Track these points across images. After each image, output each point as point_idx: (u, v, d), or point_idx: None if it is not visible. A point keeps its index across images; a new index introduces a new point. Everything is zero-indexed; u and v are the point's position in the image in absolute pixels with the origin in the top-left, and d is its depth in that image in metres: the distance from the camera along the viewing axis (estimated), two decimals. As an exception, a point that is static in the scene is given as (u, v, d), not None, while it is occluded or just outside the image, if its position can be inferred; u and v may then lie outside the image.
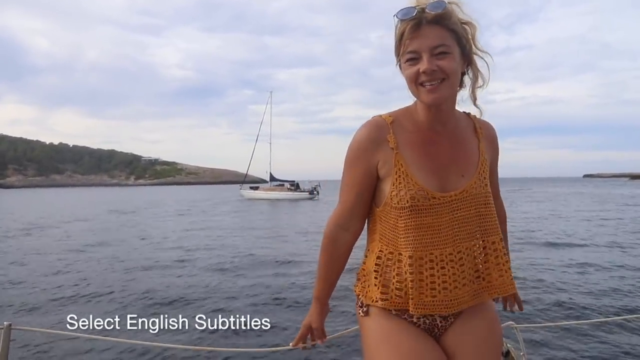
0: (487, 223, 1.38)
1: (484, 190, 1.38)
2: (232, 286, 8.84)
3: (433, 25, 1.25)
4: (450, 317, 1.39)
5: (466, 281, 1.34)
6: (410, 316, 1.37)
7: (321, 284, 1.54)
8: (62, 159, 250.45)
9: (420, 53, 1.26)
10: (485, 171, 1.41)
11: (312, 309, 1.58)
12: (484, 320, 1.41)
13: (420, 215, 1.31)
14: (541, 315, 7.99)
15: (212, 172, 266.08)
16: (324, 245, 1.49)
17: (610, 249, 13.65)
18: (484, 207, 1.37)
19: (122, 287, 9.14)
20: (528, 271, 11.28)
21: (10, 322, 1.79)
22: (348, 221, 1.44)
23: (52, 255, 12.97)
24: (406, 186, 1.31)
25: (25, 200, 61.09)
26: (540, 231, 17.51)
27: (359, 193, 1.41)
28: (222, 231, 18.29)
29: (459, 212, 1.34)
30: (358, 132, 1.39)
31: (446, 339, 1.39)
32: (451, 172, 1.36)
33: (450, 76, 1.27)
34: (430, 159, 1.36)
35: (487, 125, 1.49)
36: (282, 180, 51.72)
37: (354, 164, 1.39)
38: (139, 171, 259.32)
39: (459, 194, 1.34)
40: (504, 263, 1.39)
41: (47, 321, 7.48)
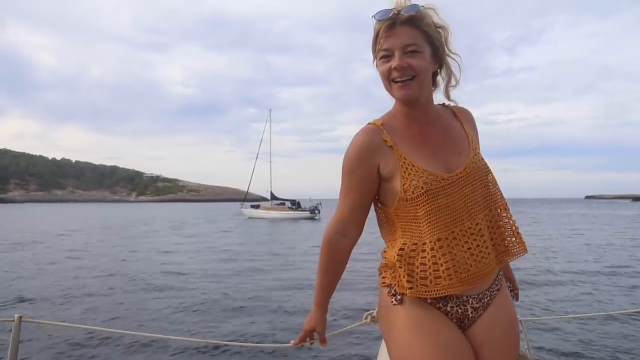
0: (492, 192, 1.46)
1: (483, 163, 1.47)
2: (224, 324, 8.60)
3: (406, 26, 1.36)
4: (479, 308, 1.41)
5: (490, 250, 1.40)
6: (445, 304, 1.39)
7: (322, 290, 1.56)
8: (64, 174, 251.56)
9: (392, 51, 1.36)
10: (477, 147, 1.51)
11: (314, 315, 1.59)
12: (507, 313, 1.45)
13: (437, 198, 1.35)
14: (546, 309, 7.95)
15: (214, 189, 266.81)
16: (323, 251, 1.52)
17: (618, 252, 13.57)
18: (486, 178, 1.46)
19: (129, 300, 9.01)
20: (533, 266, 11.22)
21: (20, 315, 1.83)
22: (346, 227, 1.48)
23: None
24: (416, 175, 1.36)
25: (23, 215, 61.16)
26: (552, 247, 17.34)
27: (359, 199, 1.46)
28: (217, 254, 18.06)
29: (467, 188, 1.40)
30: (354, 139, 1.45)
31: (473, 331, 1.42)
32: (449, 153, 1.44)
33: (420, 74, 1.37)
34: (426, 146, 1.43)
35: (463, 109, 1.59)
36: (283, 199, 51.62)
37: (353, 170, 1.44)
38: (140, 187, 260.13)
39: (463, 171, 1.41)
40: (512, 226, 1.46)
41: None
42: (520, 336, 1.92)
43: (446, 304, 1.39)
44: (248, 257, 16.21)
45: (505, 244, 1.45)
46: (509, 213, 1.48)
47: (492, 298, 1.44)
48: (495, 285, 1.46)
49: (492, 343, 1.40)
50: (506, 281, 1.58)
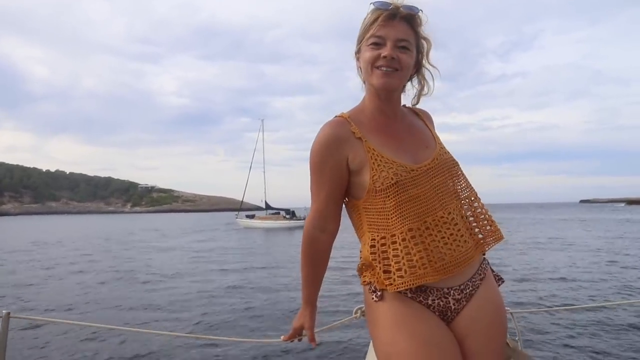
0: (461, 183, 1.49)
1: (450, 157, 1.51)
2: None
3: (404, 22, 1.41)
4: (462, 299, 1.40)
5: (465, 238, 1.40)
6: (426, 297, 1.39)
7: (308, 287, 1.57)
8: (59, 186, 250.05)
9: (385, 40, 1.39)
10: (441, 142, 1.55)
11: (303, 312, 1.59)
12: (493, 304, 1.45)
13: (407, 189, 1.37)
14: (537, 301, 8.00)
15: (209, 199, 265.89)
16: (304, 248, 1.52)
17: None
18: (454, 170, 1.49)
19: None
20: (524, 259, 11.31)
21: (8, 311, 1.81)
22: (324, 222, 1.49)
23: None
24: (386, 166, 1.38)
25: (18, 227, 60.75)
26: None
27: (331, 193, 1.46)
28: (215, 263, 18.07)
29: (437, 179, 1.42)
30: (321, 132, 1.45)
31: (457, 323, 1.41)
32: (416, 146, 1.48)
33: (404, 69, 1.41)
34: (394, 139, 1.46)
35: (424, 111, 1.65)
36: (278, 208, 51.53)
37: (322, 164, 1.44)
38: (135, 198, 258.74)
39: (431, 162, 1.44)
40: (485, 213, 1.50)
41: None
42: (511, 328, 1.90)
43: (427, 297, 1.39)
44: (242, 266, 16.24)
45: (481, 232, 1.48)
46: (481, 202, 1.51)
47: (475, 288, 1.43)
48: (479, 274, 1.45)
49: (476, 334, 1.40)
50: (492, 270, 1.56)
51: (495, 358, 1.43)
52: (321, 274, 1.56)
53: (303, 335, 1.64)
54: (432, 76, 1.53)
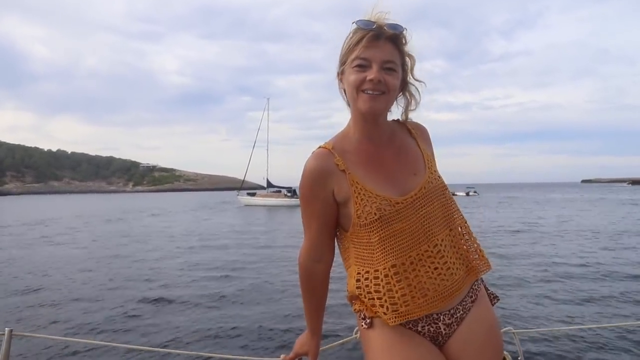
0: (450, 211, 1.43)
1: (439, 182, 1.44)
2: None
3: (389, 42, 1.35)
4: (453, 324, 1.39)
5: (453, 270, 1.37)
6: (415, 325, 1.37)
7: (311, 317, 1.55)
8: (61, 166, 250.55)
9: (371, 62, 1.33)
10: (433, 165, 1.48)
11: (309, 341, 1.58)
12: (485, 326, 1.42)
13: (391, 223, 1.33)
14: (540, 321, 7.91)
15: (211, 178, 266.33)
16: (302, 281, 1.51)
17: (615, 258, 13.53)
18: (443, 197, 1.42)
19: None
20: (526, 276, 11.21)
21: (11, 329, 1.79)
22: (318, 252, 1.47)
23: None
24: (369, 201, 1.34)
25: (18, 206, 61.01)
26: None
27: (322, 225, 1.44)
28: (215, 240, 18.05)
29: (424, 209, 1.37)
30: (306, 167, 1.42)
31: (449, 346, 1.39)
32: (403, 175, 1.42)
33: (390, 92, 1.36)
34: (380, 169, 1.41)
35: (418, 125, 1.57)
36: (279, 186, 51.56)
37: (310, 198, 1.42)
38: (137, 178, 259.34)
39: (418, 192, 1.38)
40: (474, 242, 1.45)
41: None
42: (513, 348, 1.88)
43: (416, 325, 1.37)
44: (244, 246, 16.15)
45: (472, 261, 1.44)
46: (469, 230, 1.47)
47: (466, 311, 1.41)
48: (470, 297, 1.42)
49: (469, 357, 1.39)
50: (487, 289, 1.54)
51: None
52: (322, 303, 1.55)
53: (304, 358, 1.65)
54: (418, 91, 1.47)
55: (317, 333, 1.58)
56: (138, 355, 5.86)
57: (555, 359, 6.00)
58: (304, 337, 1.60)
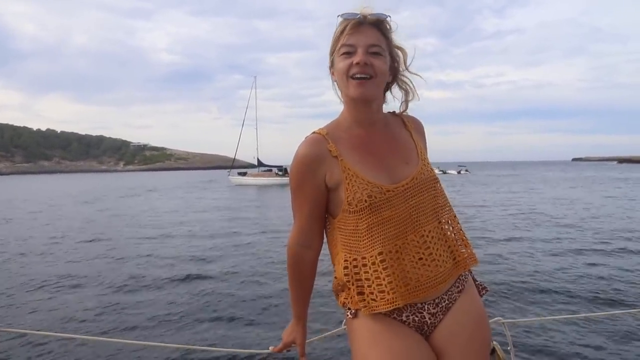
0: (439, 203, 1.44)
1: (431, 174, 1.45)
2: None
3: (372, 27, 1.39)
4: (438, 313, 1.39)
5: (438, 262, 1.37)
6: (400, 314, 1.38)
7: (298, 303, 1.58)
8: (50, 145, 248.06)
9: (356, 47, 1.37)
10: (425, 157, 1.49)
11: (295, 327, 1.60)
12: (472, 317, 1.42)
13: (380, 211, 1.34)
14: (529, 310, 7.94)
15: (202, 157, 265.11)
16: (291, 266, 1.52)
17: (605, 243, 13.60)
18: (434, 190, 1.44)
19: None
20: (515, 264, 11.27)
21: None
22: (307, 239, 1.49)
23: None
24: (360, 187, 1.35)
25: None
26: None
27: (311, 210, 1.45)
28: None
29: (414, 199, 1.38)
30: (298, 151, 1.43)
31: (435, 336, 1.40)
32: (395, 163, 1.43)
33: (379, 75, 1.38)
34: (372, 156, 1.42)
35: (414, 118, 1.59)
36: (270, 165, 51.45)
37: (301, 183, 1.43)
38: (128, 157, 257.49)
39: (410, 182, 1.39)
40: (462, 237, 1.46)
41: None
42: (503, 338, 1.87)
43: (400, 314, 1.39)
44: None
45: (459, 255, 1.45)
46: (458, 224, 1.48)
47: (452, 301, 1.42)
48: (456, 287, 1.43)
49: (455, 347, 1.39)
50: (475, 280, 1.55)
51: None
52: (309, 289, 1.57)
53: (292, 348, 1.65)
54: (413, 83, 1.50)
55: (302, 319, 1.60)
56: (120, 349, 5.74)
57: (546, 348, 5.99)
58: (290, 326, 1.62)
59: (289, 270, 1.53)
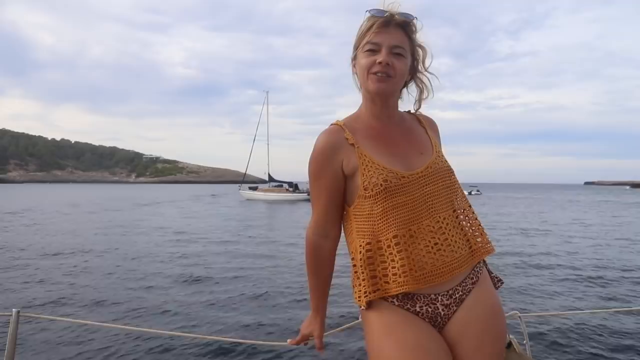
0: (454, 193, 1.47)
1: (446, 165, 1.49)
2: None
3: (398, 28, 1.43)
4: (452, 305, 1.39)
5: (453, 248, 1.38)
6: (413, 305, 1.38)
7: (316, 295, 1.57)
8: (64, 155, 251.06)
9: (381, 46, 1.40)
10: (440, 150, 1.54)
11: (313, 320, 1.60)
12: (487, 308, 1.41)
13: (395, 196, 1.37)
14: (546, 304, 7.89)
15: (214, 171, 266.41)
16: (308, 256, 1.53)
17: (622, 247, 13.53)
18: (449, 179, 1.47)
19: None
20: (532, 261, 11.23)
21: (18, 310, 1.82)
22: (325, 228, 1.50)
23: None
24: (376, 172, 1.38)
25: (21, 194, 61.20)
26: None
27: (330, 198, 1.47)
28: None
29: (428, 187, 1.41)
30: (317, 141, 1.48)
31: (449, 329, 1.39)
32: (410, 153, 1.47)
33: (397, 76, 1.43)
34: (388, 145, 1.46)
35: (429, 118, 1.64)
36: (281, 181, 51.54)
37: (320, 171, 1.46)
38: (140, 169, 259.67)
39: (424, 170, 1.42)
40: (477, 226, 1.48)
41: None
42: (519, 331, 1.88)
43: (414, 305, 1.38)
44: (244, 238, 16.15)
45: (475, 243, 1.46)
46: (474, 213, 1.50)
47: (466, 293, 1.41)
48: (470, 278, 1.42)
49: (469, 339, 1.37)
50: (490, 272, 1.54)
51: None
52: (327, 281, 1.56)
53: (310, 341, 1.65)
54: (430, 82, 1.54)
55: (320, 312, 1.59)
56: (144, 338, 5.91)
57: (562, 343, 5.97)
58: (308, 318, 1.62)
59: (307, 260, 1.54)
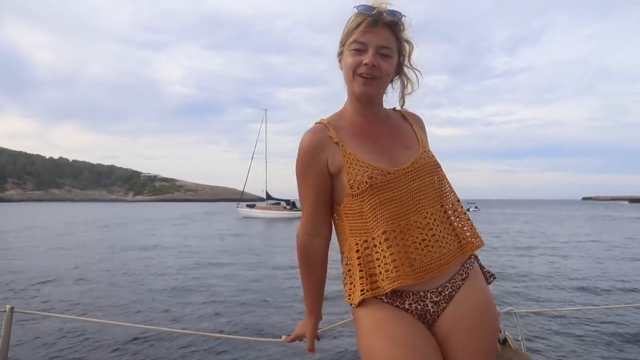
0: (443, 188, 1.46)
1: (433, 160, 1.47)
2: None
3: (386, 28, 1.41)
4: (441, 302, 1.38)
5: (441, 244, 1.37)
6: (402, 302, 1.37)
7: (310, 296, 1.56)
8: (62, 174, 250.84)
9: (367, 46, 1.39)
10: (426, 145, 1.52)
11: (307, 321, 1.60)
12: (477, 304, 1.39)
13: (381, 192, 1.36)
14: (541, 301, 7.92)
15: (211, 189, 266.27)
16: (300, 256, 1.52)
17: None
18: (436, 174, 1.45)
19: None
20: (528, 258, 11.20)
21: (12, 306, 1.83)
22: (315, 227, 1.49)
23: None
24: (361, 170, 1.37)
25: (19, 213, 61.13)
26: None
27: (318, 197, 1.47)
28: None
29: (415, 183, 1.40)
30: (302, 140, 1.47)
31: (438, 325, 1.38)
32: (396, 149, 1.46)
33: (384, 77, 1.42)
34: (373, 142, 1.45)
35: (413, 114, 1.63)
36: (278, 199, 51.53)
37: (306, 170, 1.46)
38: (137, 187, 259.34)
39: (410, 166, 1.41)
40: (466, 220, 1.47)
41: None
42: (513, 328, 1.87)
43: (403, 302, 1.37)
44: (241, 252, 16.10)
45: (464, 237, 1.45)
46: (462, 208, 1.48)
47: (455, 289, 1.39)
48: (460, 275, 1.41)
49: (458, 336, 1.36)
50: (482, 267, 1.52)
51: (480, 358, 1.37)
52: (320, 281, 1.55)
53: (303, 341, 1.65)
54: (416, 76, 1.53)
55: (314, 314, 1.59)
56: (139, 335, 5.98)
57: (558, 339, 6.04)
58: (304, 319, 1.62)
59: (299, 261, 1.53)
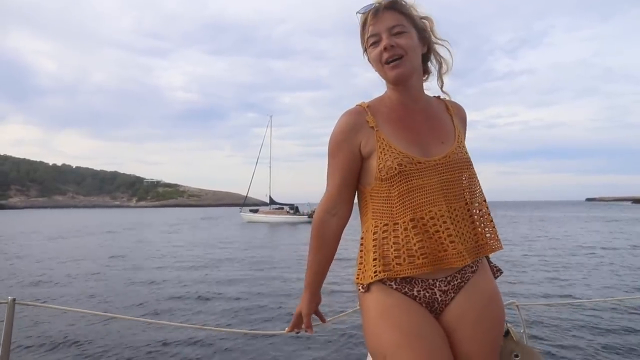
0: (471, 186, 1.46)
1: (466, 156, 1.47)
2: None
3: (389, 10, 1.43)
4: (449, 291, 1.39)
5: (466, 238, 1.40)
6: (411, 289, 1.38)
7: (312, 271, 1.56)
8: (65, 180, 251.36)
9: (380, 34, 1.42)
10: (462, 140, 1.51)
11: (303, 297, 1.60)
12: (484, 296, 1.41)
13: (411, 179, 1.37)
14: (543, 294, 7.94)
15: (214, 194, 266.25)
16: (314, 231, 1.52)
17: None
18: (467, 171, 1.45)
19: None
20: (531, 251, 11.22)
21: (14, 297, 1.83)
22: (335, 205, 1.50)
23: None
24: (392, 156, 1.38)
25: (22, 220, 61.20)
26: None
27: (344, 177, 1.47)
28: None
29: (445, 175, 1.40)
30: (339, 120, 1.48)
31: (446, 315, 1.40)
32: (431, 140, 1.45)
33: (409, 52, 1.41)
34: (408, 131, 1.45)
35: (457, 105, 1.61)
36: (282, 203, 51.52)
37: (338, 149, 1.47)
38: (141, 193, 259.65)
39: (442, 159, 1.41)
40: (489, 221, 1.47)
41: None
42: (516, 320, 1.90)
43: (412, 289, 1.38)
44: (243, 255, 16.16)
45: (483, 238, 1.45)
46: (487, 209, 1.48)
47: (464, 280, 1.41)
48: (469, 266, 1.42)
49: (465, 326, 1.38)
50: (489, 262, 1.54)
51: (486, 349, 1.39)
52: (327, 259, 1.55)
53: (302, 329, 1.65)
54: (448, 51, 1.52)
55: (310, 287, 1.58)
56: (141, 327, 6.04)
57: (559, 331, 6.09)
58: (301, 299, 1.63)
59: (311, 236, 1.53)
